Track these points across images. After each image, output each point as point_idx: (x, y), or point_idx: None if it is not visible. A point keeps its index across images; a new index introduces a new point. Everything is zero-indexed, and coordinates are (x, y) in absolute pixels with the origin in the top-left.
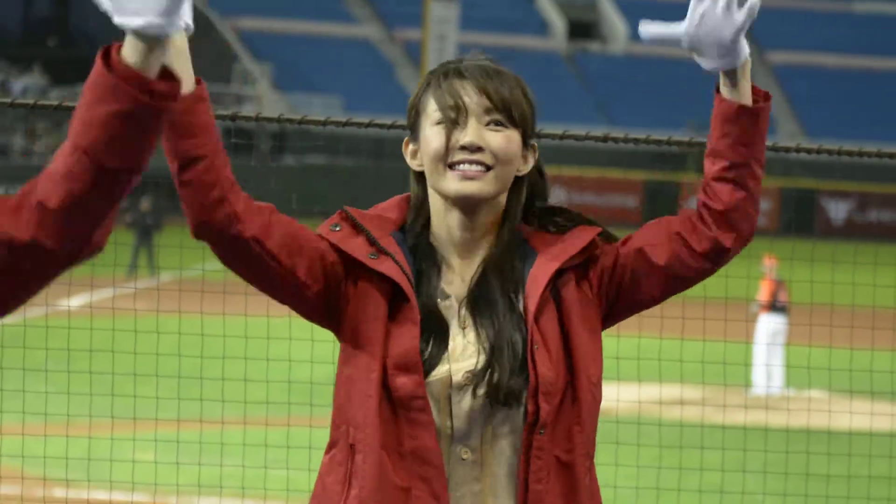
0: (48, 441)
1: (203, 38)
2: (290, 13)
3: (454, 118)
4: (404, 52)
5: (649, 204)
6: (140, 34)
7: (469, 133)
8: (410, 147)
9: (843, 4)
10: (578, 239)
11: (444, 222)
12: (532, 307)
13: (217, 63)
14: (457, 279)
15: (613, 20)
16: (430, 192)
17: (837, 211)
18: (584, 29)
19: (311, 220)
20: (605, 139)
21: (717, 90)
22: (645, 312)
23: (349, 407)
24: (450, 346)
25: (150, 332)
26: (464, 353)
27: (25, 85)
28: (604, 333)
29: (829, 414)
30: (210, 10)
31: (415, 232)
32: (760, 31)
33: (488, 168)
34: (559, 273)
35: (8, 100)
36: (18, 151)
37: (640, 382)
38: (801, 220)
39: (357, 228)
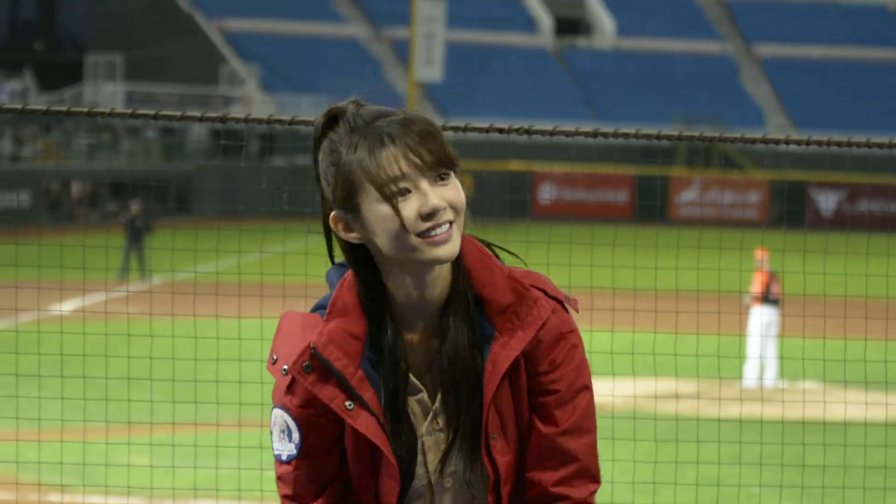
0: (42, 446)
1: (189, 40)
2: (277, 14)
3: (403, 189)
4: (392, 50)
5: (640, 198)
6: None
7: (430, 199)
8: (340, 222)
9: None
10: (532, 318)
11: (401, 286)
12: (489, 396)
13: (204, 65)
14: (421, 358)
15: (600, 15)
16: (381, 261)
17: (828, 202)
18: (571, 25)
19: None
20: (594, 135)
21: None
22: (639, 306)
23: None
24: (425, 446)
25: (143, 335)
26: (437, 448)
27: (13, 89)
28: (598, 329)
29: (823, 405)
30: (196, 12)
31: (378, 341)
32: (748, 24)
33: (451, 223)
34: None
35: None
36: (7, 156)
37: (635, 377)
38: (791, 211)
39: (328, 372)
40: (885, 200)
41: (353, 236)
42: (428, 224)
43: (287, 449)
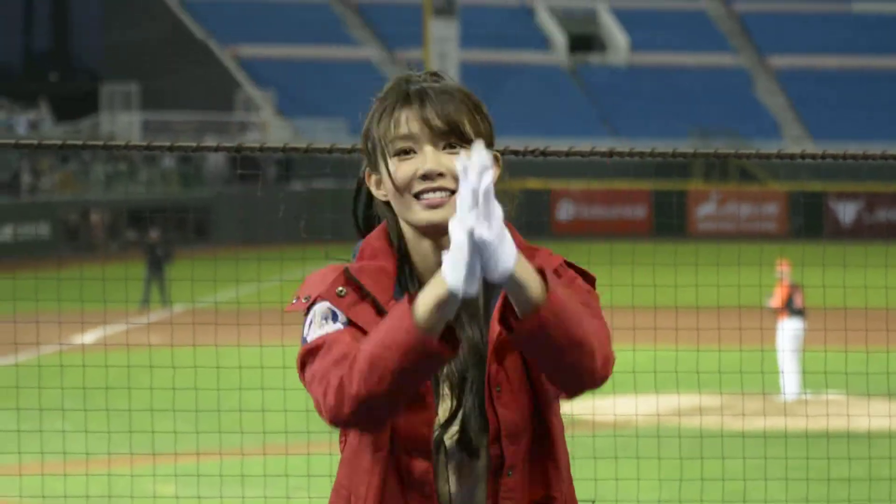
0: (68, 480)
1: (204, 67)
2: (290, 39)
3: (409, 148)
4: (406, 72)
5: (658, 213)
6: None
7: (427, 161)
8: (373, 178)
9: (841, 5)
10: (544, 265)
11: (419, 251)
12: (491, 347)
13: (219, 91)
14: None
15: (614, 31)
16: (401, 221)
17: (846, 212)
18: (584, 41)
19: (321, 246)
20: (610, 154)
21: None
22: (660, 323)
23: (352, 477)
24: (440, 394)
25: (165, 366)
26: (444, 414)
27: (29, 120)
28: (619, 347)
29: (847, 417)
30: (210, 39)
31: (405, 281)
32: (761, 36)
33: (452, 192)
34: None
35: (12, 140)
36: (25, 188)
37: (657, 394)
38: (810, 223)
39: (362, 293)
40: None
41: (381, 193)
42: (424, 185)
43: (332, 328)
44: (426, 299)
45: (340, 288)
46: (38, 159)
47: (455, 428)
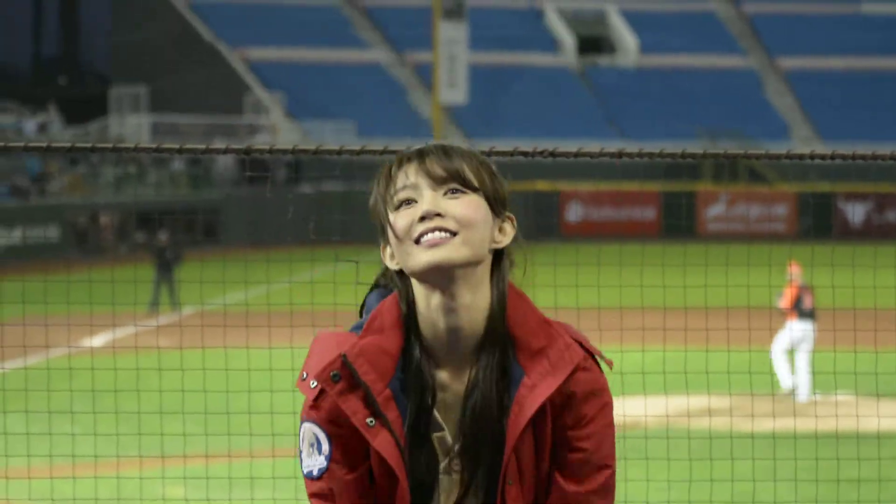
0: (77, 482)
1: (213, 70)
2: (299, 41)
3: (409, 198)
4: (415, 74)
5: (667, 214)
6: None
7: (424, 203)
8: (387, 249)
9: (850, 6)
10: (563, 363)
11: (427, 319)
12: (512, 441)
13: (228, 94)
14: (449, 396)
15: (623, 33)
16: (413, 285)
17: (855, 213)
18: (593, 43)
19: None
20: (619, 155)
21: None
22: (669, 324)
23: None
24: (441, 485)
25: (174, 369)
26: (451, 490)
27: (38, 124)
28: (629, 348)
29: (856, 418)
30: (218, 42)
31: (409, 359)
32: (770, 37)
33: (453, 233)
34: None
35: (21, 143)
36: (34, 191)
37: (667, 395)
38: (819, 223)
39: (354, 381)
40: None
41: (393, 263)
42: (423, 227)
43: (317, 463)
44: None
45: (335, 372)
46: (48, 163)
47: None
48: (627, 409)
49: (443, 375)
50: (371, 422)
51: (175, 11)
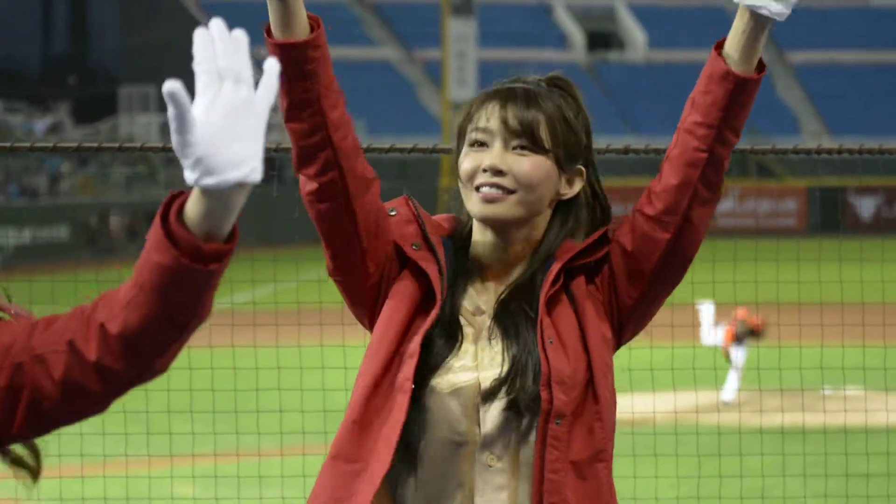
0: (86, 482)
1: None
2: None
3: (481, 141)
4: (425, 72)
5: None
6: (219, 189)
7: (491, 156)
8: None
9: (860, 0)
10: (587, 238)
11: (481, 240)
12: (542, 304)
13: None
14: (489, 294)
15: (632, 29)
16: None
17: (865, 207)
18: (603, 39)
19: None
20: (626, 151)
21: (717, 46)
22: (678, 321)
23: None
24: (478, 356)
25: (182, 368)
26: (491, 363)
27: (48, 124)
28: (634, 345)
29: (865, 412)
30: None
31: (461, 242)
32: (779, 31)
33: (510, 192)
34: (570, 273)
35: (27, 143)
36: (44, 191)
37: (675, 391)
38: (828, 217)
39: (413, 216)
40: None
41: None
42: (483, 178)
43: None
44: None
45: (392, 208)
46: (57, 162)
47: (495, 371)
48: (636, 405)
49: (486, 276)
50: (417, 245)
51: (185, 11)
